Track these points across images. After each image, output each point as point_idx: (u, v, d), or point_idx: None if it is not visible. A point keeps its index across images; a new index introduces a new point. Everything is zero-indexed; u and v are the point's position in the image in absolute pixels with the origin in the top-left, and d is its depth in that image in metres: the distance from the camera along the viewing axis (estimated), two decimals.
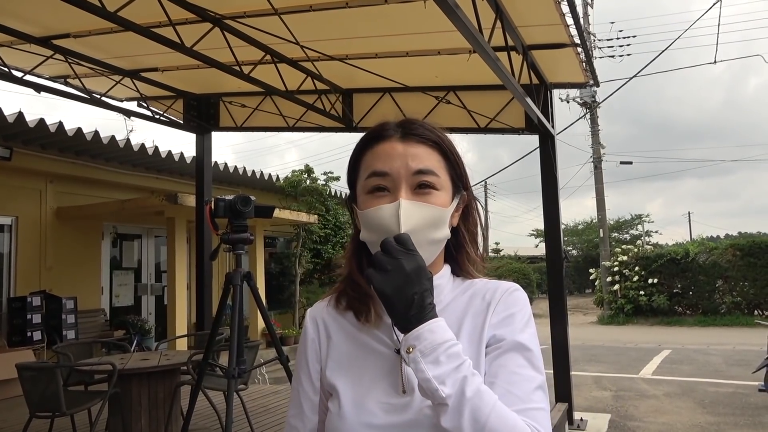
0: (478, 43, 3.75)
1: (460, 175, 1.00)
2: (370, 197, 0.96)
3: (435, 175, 0.95)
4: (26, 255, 8.31)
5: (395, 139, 0.97)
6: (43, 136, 7.86)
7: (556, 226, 6.26)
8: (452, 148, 1.00)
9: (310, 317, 1.05)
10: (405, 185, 0.94)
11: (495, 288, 0.99)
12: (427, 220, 0.93)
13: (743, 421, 6.18)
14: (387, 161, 0.95)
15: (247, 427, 4.75)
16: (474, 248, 1.04)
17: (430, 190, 0.95)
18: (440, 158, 0.98)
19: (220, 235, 3.41)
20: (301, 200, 12.73)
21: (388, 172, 0.95)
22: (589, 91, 18.98)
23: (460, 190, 1.01)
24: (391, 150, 0.96)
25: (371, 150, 0.98)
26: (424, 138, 0.97)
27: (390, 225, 0.91)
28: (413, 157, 0.95)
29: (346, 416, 0.91)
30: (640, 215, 32.65)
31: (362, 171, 0.99)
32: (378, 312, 0.98)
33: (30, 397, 4.04)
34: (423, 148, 0.97)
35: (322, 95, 6.79)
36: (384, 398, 0.91)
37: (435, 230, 0.94)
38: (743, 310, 16.52)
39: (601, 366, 10.00)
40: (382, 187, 0.95)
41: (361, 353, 0.97)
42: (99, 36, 5.45)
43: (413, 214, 0.92)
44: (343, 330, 1.01)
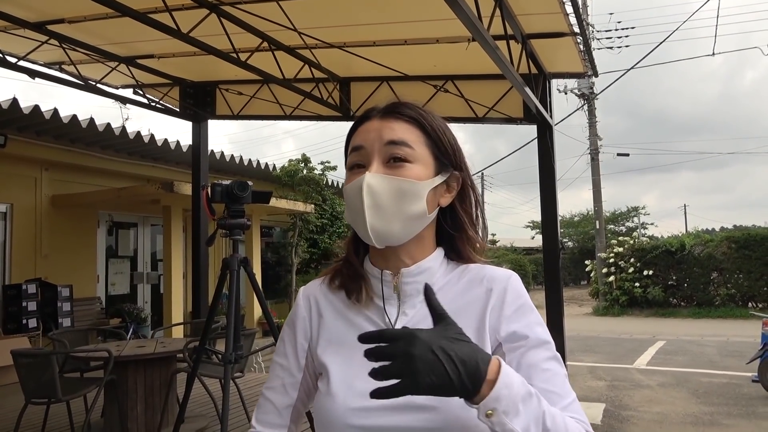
0: (477, 31, 3.72)
1: (445, 152, 0.99)
2: (349, 174, 0.97)
3: (408, 147, 0.95)
4: (21, 243, 8.27)
5: (374, 118, 0.99)
6: (37, 123, 7.80)
7: (553, 217, 6.26)
8: (434, 125, 0.99)
9: (304, 295, 1.06)
10: (377, 158, 0.94)
11: (494, 275, 0.98)
12: (395, 193, 0.92)
13: (737, 411, 6.23)
14: (363, 135, 0.97)
15: (242, 414, 4.76)
16: (473, 230, 1.02)
17: (402, 163, 0.94)
18: (419, 133, 0.97)
19: (217, 220, 3.39)
20: (298, 190, 12.70)
21: (363, 144, 0.96)
22: (587, 82, 18.95)
23: (446, 167, 0.99)
24: (369, 126, 0.98)
25: (356, 132, 1.00)
26: (402, 115, 0.98)
27: (357, 199, 0.92)
28: (387, 130, 0.96)
29: (335, 397, 0.91)
30: (636, 207, 32.74)
31: (348, 151, 1.00)
32: (369, 293, 0.98)
33: (26, 384, 4.03)
34: (399, 123, 0.97)
35: (320, 84, 6.75)
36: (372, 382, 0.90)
37: (405, 203, 0.93)
38: (738, 302, 16.62)
39: (596, 356, 10.05)
40: (359, 164, 0.96)
41: (351, 333, 0.96)
42: (94, 21, 5.39)
43: (378, 186, 0.92)
44: (335, 309, 1.01)
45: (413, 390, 0.71)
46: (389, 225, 0.92)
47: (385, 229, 0.92)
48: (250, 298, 10.75)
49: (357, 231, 0.97)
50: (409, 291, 0.97)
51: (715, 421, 5.91)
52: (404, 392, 0.71)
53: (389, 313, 0.96)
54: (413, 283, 0.96)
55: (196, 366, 3.67)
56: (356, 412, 0.88)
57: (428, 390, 0.71)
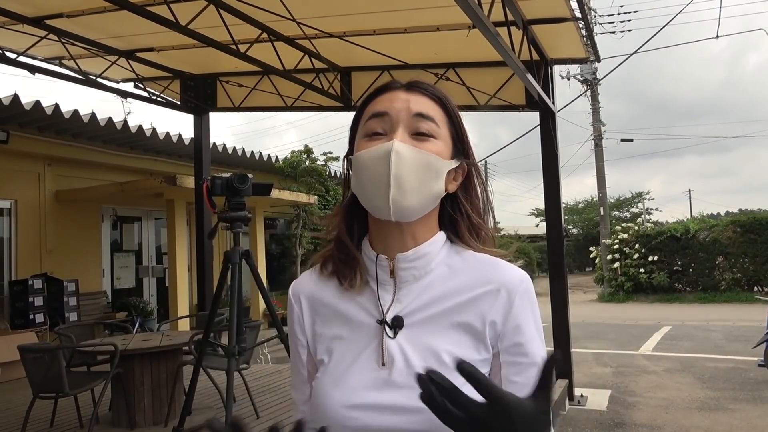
0: (477, 17, 3.69)
1: (462, 139, 0.96)
2: (366, 141, 0.92)
3: (435, 123, 0.92)
4: (26, 238, 8.30)
5: (400, 89, 0.95)
6: (39, 118, 7.79)
7: (556, 204, 6.24)
8: (455, 109, 0.97)
9: (293, 292, 1.03)
10: (403, 127, 0.90)
11: (505, 277, 0.92)
12: (421, 166, 0.89)
13: (743, 396, 6.23)
14: (388, 103, 0.93)
15: (249, 406, 4.78)
16: (479, 219, 0.98)
17: (429, 138, 0.91)
18: (442, 114, 0.94)
19: (218, 214, 3.39)
20: (301, 181, 12.69)
21: (388, 111, 0.92)
22: (589, 67, 18.81)
23: (459, 154, 0.96)
24: (394, 96, 0.94)
25: (375, 100, 0.96)
26: (428, 92, 0.95)
27: (381, 166, 0.87)
28: (415, 101, 0.92)
29: (326, 395, 0.90)
30: (641, 193, 32.61)
31: (363, 120, 0.95)
32: (364, 277, 0.95)
33: (33, 379, 4.06)
34: (426, 99, 0.94)
35: (320, 74, 6.72)
36: (364, 373, 0.89)
37: (430, 179, 0.90)
38: (743, 286, 16.59)
39: (601, 343, 10.06)
40: (379, 132, 0.91)
41: (343, 326, 0.94)
42: (93, 15, 5.37)
43: (407, 156, 0.88)
44: (327, 302, 0.97)
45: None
46: (410, 199, 0.88)
47: (405, 203, 0.88)
48: (255, 290, 10.78)
49: (369, 202, 0.91)
50: (405, 277, 0.93)
51: (721, 406, 5.91)
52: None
53: (383, 299, 0.93)
54: (410, 269, 0.92)
55: (201, 358, 3.69)
56: (346, 409, 0.87)
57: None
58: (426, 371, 0.67)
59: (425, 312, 0.91)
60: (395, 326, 0.90)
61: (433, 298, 0.91)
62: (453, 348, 0.87)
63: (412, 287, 0.92)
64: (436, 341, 0.88)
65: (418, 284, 0.92)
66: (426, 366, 0.80)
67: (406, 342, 0.89)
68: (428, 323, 0.90)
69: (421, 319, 0.90)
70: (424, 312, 0.91)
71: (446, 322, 0.90)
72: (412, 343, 0.89)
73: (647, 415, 5.67)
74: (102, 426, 4.42)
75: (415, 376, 0.68)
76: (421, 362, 0.86)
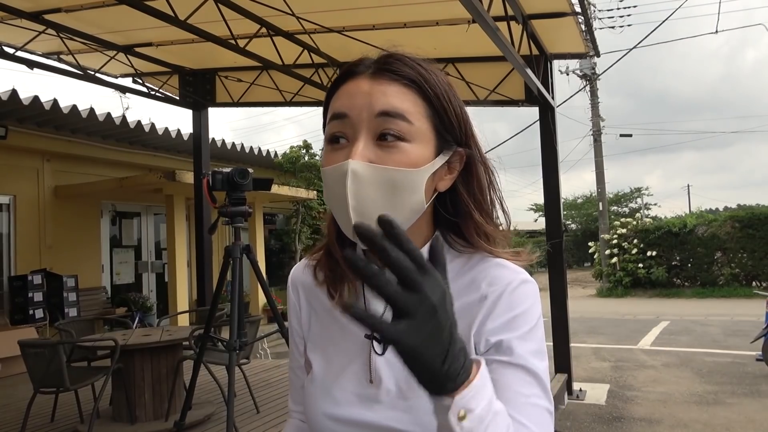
0: (477, 12, 3.68)
1: (449, 126, 0.80)
2: (328, 150, 0.79)
3: (405, 121, 0.75)
4: (25, 234, 8.30)
5: (365, 76, 0.78)
6: (38, 114, 7.78)
7: (556, 199, 6.24)
8: (438, 90, 0.79)
9: (291, 282, 0.97)
10: (365, 132, 0.75)
11: (495, 279, 0.80)
12: (386, 185, 0.74)
13: (740, 390, 6.26)
14: (348, 100, 0.77)
15: (249, 400, 4.80)
16: (484, 217, 0.83)
17: (396, 142, 0.75)
18: (419, 101, 0.78)
19: (218, 208, 3.39)
20: (300, 176, 12.69)
21: (347, 112, 0.77)
22: (588, 62, 18.79)
23: (450, 144, 0.81)
24: (355, 88, 0.78)
25: (339, 90, 0.80)
26: (399, 74, 0.77)
27: (339, 191, 0.75)
28: (379, 96, 0.76)
29: (313, 401, 0.86)
30: (640, 188, 32.64)
31: (328, 115, 0.81)
32: (354, 288, 0.87)
33: (34, 374, 4.06)
34: (394, 87, 0.77)
35: (319, 69, 6.72)
36: (351, 387, 0.83)
37: (399, 197, 0.75)
38: (741, 281, 16.63)
39: (600, 337, 10.09)
40: (341, 136, 0.77)
41: (337, 330, 0.88)
42: (91, 10, 5.35)
43: (364, 181, 0.74)
44: (322, 300, 0.91)
45: (408, 338, 0.57)
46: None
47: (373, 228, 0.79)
48: (255, 285, 10.80)
49: (338, 222, 0.79)
50: None
51: (719, 400, 5.94)
52: (397, 337, 0.57)
53: (373, 310, 0.84)
54: None
55: (201, 353, 3.70)
56: (332, 422, 0.83)
57: (415, 351, 0.58)
58: (381, 218, 0.57)
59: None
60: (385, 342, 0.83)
61: None
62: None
63: None
64: None
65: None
66: (412, 385, 0.71)
67: (396, 359, 0.81)
68: None
69: None
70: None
71: None
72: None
73: (646, 409, 5.70)
74: (102, 421, 4.44)
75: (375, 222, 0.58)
76: (410, 382, 0.76)
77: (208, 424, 4.44)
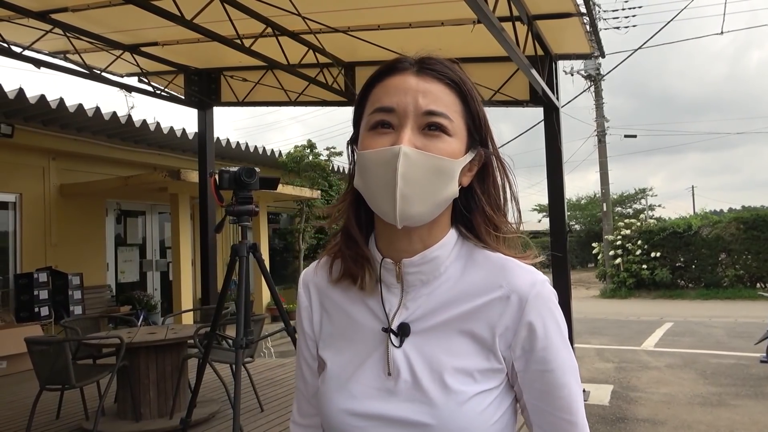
0: (482, 12, 3.69)
1: (479, 126, 0.87)
2: (372, 135, 0.83)
3: (448, 119, 0.82)
4: (31, 232, 8.34)
5: (410, 72, 0.84)
6: (44, 112, 7.82)
7: (560, 199, 6.24)
8: (473, 93, 0.86)
9: (302, 283, 0.99)
10: (411, 124, 0.81)
11: (515, 279, 0.84)
12: (432, 172, 0.80)
13: (744, 392, 6.24)
14: (395, 96, 0.83)
15: (253, 399, 4.82)
16: (496, 211, 0.89)
17: (440, 134, 0.82)
18: (457, 101, 0.85)
19: (225, 207, 3.41)
20: (304, 176, 12.71)
21: (395, 107, 0.82)
22: (593, 63, 18.74)
23: (476, 144, 0.87)
24: (402, 83, 0.83)
25: (381, 83, 0.85)
26: (442, 75, 0.84)
27: (386, 173, 0.79)
28: (425, 93, 0.82)
29: (329, 398, 0.87)
30: (644, 189, 32.56)
31: (368, 106, 0.86)
32: (373, 276, 0.89)
33: (40, 371, 4.09)
34: (439, 86, 0.83)
35: (324, 69, 6.73)
36: (368, 381, 0.85)
37: (441, 183, 0.81)
38: (746, 283, 16.57)
39: (603, 338, 10.07)
40: (386, 123, 0.82)
41: (350, 327, 0.90)
42: (98, 9, 5.38)
43: (414, 165, 0.79)
44: (334, 299, 0.93)
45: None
46: (419, 207, 0.80)
47: (413, 211, 0.80)
48: (259, 284, 10.82)
49: (374, 205, 0.83)
50: (413, 281, 0.87)
51: (722, 401, 5.93)
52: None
53: (390, 303, 0.87)
54: (417, 274, 0.86)
55: (207, 351, 3.71)
56: (350, 417, 0.84)
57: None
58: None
59: (433, 319, 0.86)
60: (401, 334, 0.85)
61: (440, 304, 0.86)
62: (461, 359, 0.83)
63: (420, 291, 0.87)
64: (443, 351, 0.84)
65: (426, 288, 0.87)
66: (429, 377, 0.82)
67: (413, 351, 0.85)
68: (435, 331, 0.85)
69: (429, 326, 0.85)
70: (431, 319, 0.86)
71: (454, 330, 0.84)
72: (419, 352, 0.84)
73: (649, 410, 5.69)
74: (107, 418, 4.46)
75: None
76: (428, 375, 0.83)
77: (213, 422, 4.46)
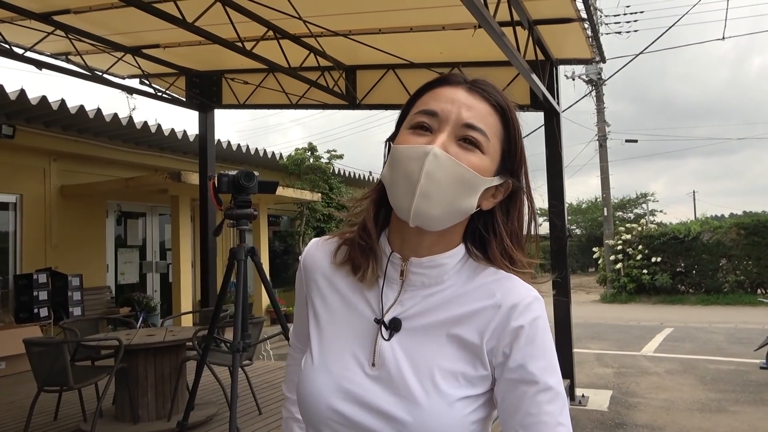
0: (483, 17, 3.70)
1: (513, 155, 0.89)
2: (410, 133, 0.87)
3: (485, 136, 0.86)
4: (31, 233, 8.35)
5: (461, 87, 0.89)
6: (45, 113, 7.83)
7: (560, 204, 6.24)
8: (516, 122, 0.90)
9: (305, 257, 1.01)
10: (449, 131, 0.85)
11: (509, 292, 0.87)
12: (455, 179, 0.83)
13: (744, 398, 6.23)
14: (442, 103, 0.87)
15: (251, 401, 4.81)
16: (515, 244, 0.91)
17: (474, 149, 0.85)
18: (499, 125, 0.88)
19: (224, 211, 3.41)
20: (305, 178, 12.72)
21: (438, 112, 0.86)
22: (594, 68, 18.77)
23: (507, 172, 0.90)
24: (451, 94, 0.88)
25: (432, 91, 0.90)
26: (490, 96, 0.89)
27: (412, 169, 0.83)
28: (470, 107, 0.86)
29: (311, 378, 0.88)
30: (645, 194, 32.54)
31: (414, 109, 0.90)
32: (375, 271, 0.91)
33: (38, 372, 4.09)
34: (485, 106, 0.88)
35: (326, 72, 6.74)
36: (353, 366, 0.87)
37: (461, 194, 0.84)
38: (746, 288, 16.55)
39: (603, 343, 10.06)
40: (426, 126, 0.86)
41: (343, 312, 0.92)
42: (99, 12, 5.40)
43: (441, 167, 0.82)
44: (333, 281, 0.95)
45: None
46: (434, 209, 0.83)
47: (427, 212, 0.83)
48: (258, 287, 10.82)
49: (393, 198, 0.86)
50: (415, 281, 0.89)
51: (722, 407, 5.92)
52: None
53: (387, 296, 0.90)
54: (421, 275, 0.89)
55: (205, 354, 3.71)
56: (329, 397, 0.86)
57: None
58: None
59: (425, 319, 0.88)
60: (392, 328, 0.87)
61: (435, 306, 0.88)
62: (447, 362, 0.84)
63: (418, 292, 0.89)
64: (430, 352, 0.85)
65: (425, 291, 0.89)
66: (412, 375, 0.83)
67: (400, 347, 0.86)
68: (426, 331, 0.87)
69: (420, 326, 0.87)
70: (423, 319, 0.88)
71: (444, 333, 0.86)
72: (406, 349, 0.86)
73: (648, 416, 5.68)
74: (105, 420, 4.45)
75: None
76: (412, 372, 0.84)
77: (211, 425, 4.46)
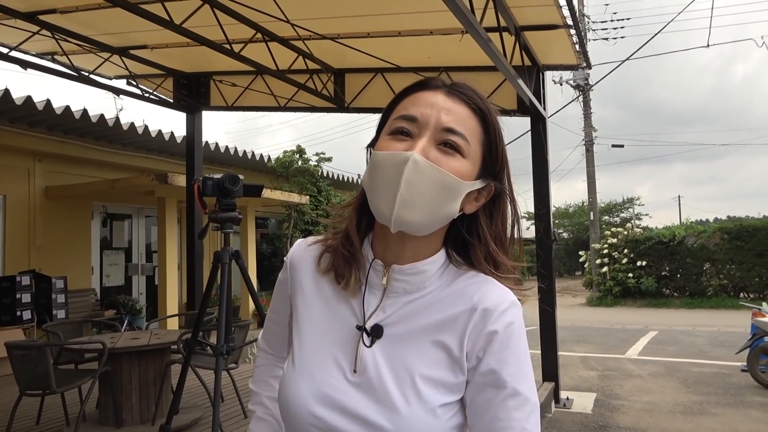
0: (470, 23, 3.72)
1: (494, 159, 0.89)
2: (390, 139, 0.86)
3: (465, 140, 0.85)
4: (15, 234, 8.25)
5: (440, 91, 0.88)
6: (30, 113, 7.76)
7: (546, 207, 6.29)
8: (496, 125, 0.89)
9: (290, 259, 1.00)
10: (429, 136, 0.84)
11: (486, 295, 0.87)
12: (436, 185, 0.82)
13: (725, 400, 6.31)
14: (421, 107, 0.86)
15: (237, 405, 4.80)
16: (499, 248, 0.91)
17: (455, 153, 0.84)
18: (479, 128, 0.88)
19: (209, 214, 3.41)
20: (293, 181, 12.70)
21: (418, 117, 0.85)
22: (582, 73, 18.93)
23: (489, 175, 0.89)
24: (430, 98, 0.87)
25: (411, 96, 0.89)
26: (470, 100, 0.88)
27: (392, 176, 0.82)
28: (449, 111, 0.85)
29: (295, 382, 0.88)
30: (632, 198, 32.88)
31: (393, 114, 0.89)
32: (358, 279, 0.91)
33: (20, 376, 4.04)
34: (464, 110, 0.87)
35: (314, 75, 6.74)
36: (335, 372, 0.87)
37: (443, 199, 0.83)
38: (729, 292, 16.77)
39: (588, 346, 10.14)
40: (406, 131, 0.85)
41: (325, 318, 0.92)
42: (86, 12, 5.36)
43: (421, 173, 0.81)
44: (317, 285, 0.95)
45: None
46: (416, 215, 0.82)
47: (408, 218, 0.82)
48: (245, 290, 10.77)
49: (374, 204, 0.85)
50: (397, 288, 0.89)
51: (704, 410, 5.99)
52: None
53: (369, 303, 0.90)
54: (403, 282, 0.89)
55: (189, 357, 3.70)
56: (309, 403, 0.85)
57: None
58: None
59: (406, 326, 0.87)
60: (373, 335, 0.87)
61: (415, 312, 0.88)
62: (428, 369, 0.84)
63: (401, 299, 0.89)
64: (412, 359, 0.85)
65: (406, 297, 0.89)
66: (392, 382, 0.84)
67: (381, 354, 0.86)
68: (407, 338, 0.87)
69: (402, 332, 0.87)
70: (405, 325, 0.88)
71: (425, 339, 0.86)
72: (388, 356, 0.86)
73: (632, 419, 5.74)
74: (89, 424, 4.42)
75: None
76: (392, 379, 0.84)
77: (195, 429, 4.43)
